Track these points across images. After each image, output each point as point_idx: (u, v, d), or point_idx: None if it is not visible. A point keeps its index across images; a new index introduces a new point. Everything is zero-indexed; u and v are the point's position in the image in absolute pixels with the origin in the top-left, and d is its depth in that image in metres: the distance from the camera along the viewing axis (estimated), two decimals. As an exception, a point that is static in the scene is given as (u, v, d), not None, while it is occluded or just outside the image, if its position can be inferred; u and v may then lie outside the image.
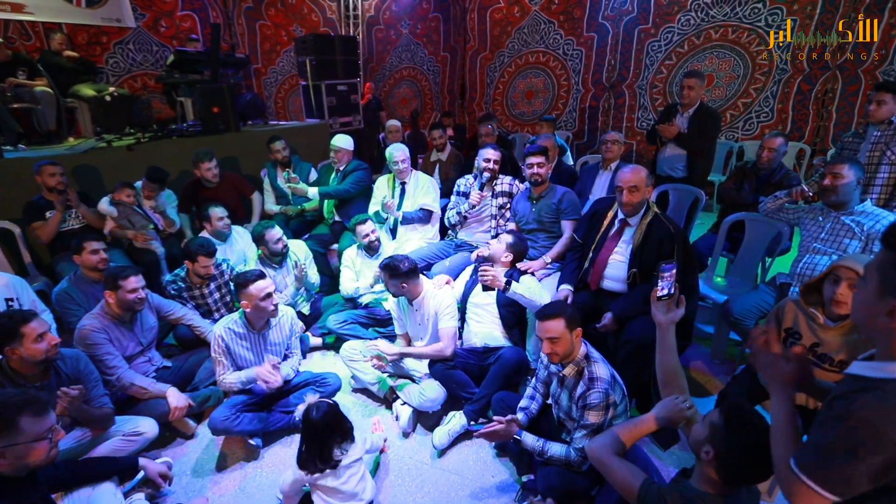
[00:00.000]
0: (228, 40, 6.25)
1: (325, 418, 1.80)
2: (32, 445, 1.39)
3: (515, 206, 3.25)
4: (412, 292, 2.54)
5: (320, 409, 1.81)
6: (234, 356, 2.39)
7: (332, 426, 1.81)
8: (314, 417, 1.79)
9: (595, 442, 1.50)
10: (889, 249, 0.92)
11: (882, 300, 0.89)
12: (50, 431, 1.44)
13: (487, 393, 2.35)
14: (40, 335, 1.88)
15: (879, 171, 2.88)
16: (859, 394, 0.91)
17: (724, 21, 5.38)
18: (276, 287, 3.08)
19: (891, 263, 0.91)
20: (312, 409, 1.81)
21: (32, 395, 1.47)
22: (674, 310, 1.49)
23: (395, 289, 2.53)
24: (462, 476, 2.18)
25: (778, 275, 2.75)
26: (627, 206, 2.41)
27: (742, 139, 5.60)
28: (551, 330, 1.79)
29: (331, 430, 1.80)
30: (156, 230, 3.54)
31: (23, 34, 4.91)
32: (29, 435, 1.38)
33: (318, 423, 1.78)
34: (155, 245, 3.48)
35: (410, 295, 2.56)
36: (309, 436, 1.79)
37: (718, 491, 1.21)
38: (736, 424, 1.17)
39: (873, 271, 0.94)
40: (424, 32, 8.00)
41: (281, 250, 3.13)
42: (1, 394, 1.50)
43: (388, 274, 2.49)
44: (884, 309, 0.89)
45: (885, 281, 0.90)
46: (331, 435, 1.80)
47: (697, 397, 2.54)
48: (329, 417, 1.81)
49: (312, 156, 4.61)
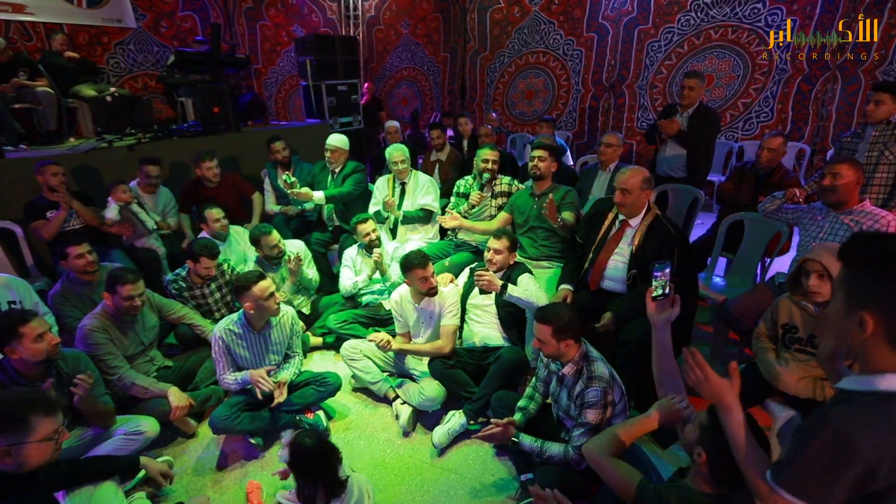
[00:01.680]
0: (229, 40, 6.25)
1: (316, 443, 1.67)
2: (39, 445, 1.38)
3: (515, 203, 3.23)
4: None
5: (306, 437, 1.68)
6: (234, 356, 2.40)
7: (326, 451, 1.69)
8: (306, 445, 1.64)
9: (591, 443, 1.50)
10: (847, 266, 0.93)
11: (850, 313, 0.90)
12: (56, 433, 1.44)
13: (487, 392, 2.36)
14: (40, 335, 1.89)
15: (877, 170, 2.89)
16: (838, 405, 0.92)
17: (724, 21, 5.38)
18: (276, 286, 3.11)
19: (851, 278, 0.92)
20: (300, 439, 1.67)
21: (44, 394, 1.48)
22: (669, 309, 1.50)
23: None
24: (461, 475, 2.19)
25: (777, 274, 2.76)
26: (620, 207, 2.44)
27: (742, 139, 5.60)
28: (540, 332, 1.84)
29: (327, 454, 1.69)
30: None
31: (24, 35, 4.92)
32: (38, 434, 1.38)
33: (312, 448, 1.65)
34: (155, 244, 3.49)
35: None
36: (305, 468, 1.65)
37: (713, 490, 1.22)
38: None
39: (838, 287, 0.96)
40: (424, 32, 8.01)
41: (277, 255, 3.15)
42: (13, 391, 1.50)
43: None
44: (854, 321, 0.89)
45: (849, 295, 0.92)
46: (330, 459, 1.69)
47: (696, 397, 2.54)
48: (318, 442, 1.69)
49: (312, 156, 4.62)
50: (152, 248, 3.53)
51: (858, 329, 0.89)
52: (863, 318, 0.87)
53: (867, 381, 0.90)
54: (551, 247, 3.09)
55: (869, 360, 0.91)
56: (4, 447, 1.34)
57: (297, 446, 1.66)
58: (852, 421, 0.87)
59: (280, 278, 3.23)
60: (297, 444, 1.67)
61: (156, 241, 3.58)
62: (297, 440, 1.68)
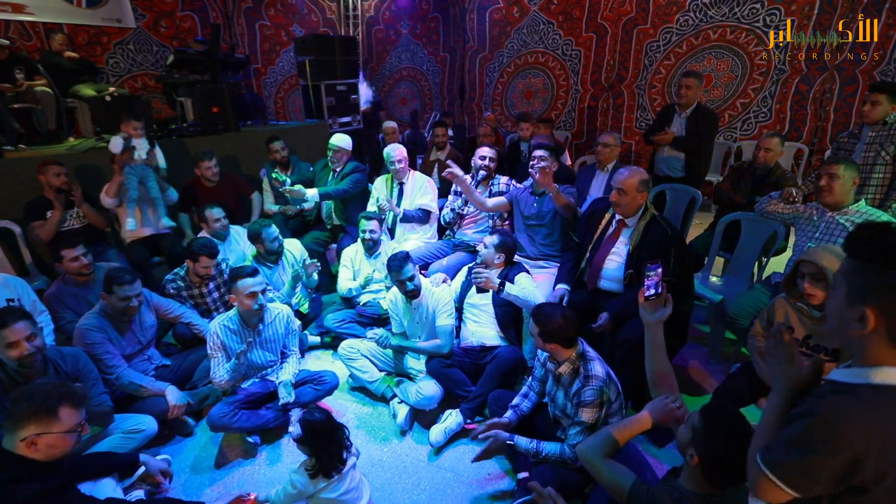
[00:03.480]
0: (228, 40, 6.26)
1: (326, 417, 1.80)
2: (64, 436, 1.46)
3: (517, 196, 3.22)
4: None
5: (315, 413, 1.80)
6: (228, 352, 2.41)
7: (334, 424, 1.82)
8: (318, 419, 1.77)
9: (585, 444, 1.51)
10: (852, 258, 0.92)
11: (851, 308, 0.90)
12: (80, 425, 1.52)
13: (484, 391, 2.37)
14: (10, 343, 1.85)
15: (874, 171, 2.89)
16: (831, 395, 0.93)
17: (723, 21, 5.38)
18: (273, 286, 3.11)
19: (856, 271, 0.91)
20: (309, 415, 1.78)
21: (72, 387, 1.55)
22: (661, 309, 1.51)
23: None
24: (458, 473, 2.20)
25: (773, 274, 2.77)
26: (615, 207, 2.45)
27: (740, 139, 5.60)
28: (532, 328, 1.89)
29: (335, 426, 1.81)
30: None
31: (23, 34, 4.93)
32: (65, 425, 1.46)
33: (323, 422, 1.77)
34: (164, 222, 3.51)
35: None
36: (318, 440, 1.76)
37: (706, 490, 1.22)
38: (716, 428, 1.18)
39: (840, 280, 0.94)
40: (424, 32, 8.01)
41: (277, 249, 3.15)
42: (44, 384, 1.60)
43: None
44: (854, 316, 0.89)
45: (851, 289, 0.91)
46: (339, 431, 1.81)
47: (693, 396, 2.56)
48: (327, 416, 1.82)
49: (311, 155, 4.63)
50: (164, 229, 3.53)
51: (859, 324, 0.88)
52: (864, 314, 0.87)
53: (861, 374, 0.91)
54: (550, 246, 3.10)
55: (867, 354, 0.91)
56: (34, 436, 1.43)
57: (309, 422, 1.75)
58: (843, 411, 0.88)
59: (278, 276, 3.23)
60: (307, 420, 1.76)
61: (166, 217, 3.56)
62: (308, 416, 1.78)
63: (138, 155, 3.36)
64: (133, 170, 3.36)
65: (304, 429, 1.75)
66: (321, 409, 1.86)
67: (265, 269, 3.16)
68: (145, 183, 3.43)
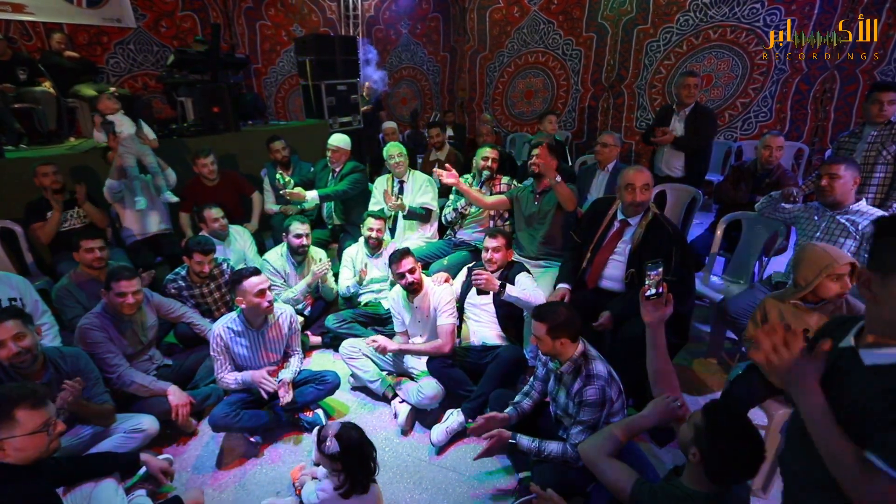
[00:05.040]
0: (228, 40, 6.26)
1: (361, 434, 1.74)
2: (30, 438, 1.42)
3: (519, 193, 3.22)
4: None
5: (352, 430, 1.73)
6: (232, 354, 2.42)
7: (369, 441, 1.76)
8: (355, 437, 1.70)
9: (587, 443, 1.51)
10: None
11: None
12: (47, 424, 1.47)
13: (485, 391, 2.37)
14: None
15: (875, 170, 2.90)
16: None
17: (723, 21, 5.39)
18: (289, 283, 3.19)
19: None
20: (346, 431, 1.71)
21: (31, 387, 1.51)
22: (662, 309, 1.51)
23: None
24: (459, 473, 2.20)
25: (774, 273, 2.77)
26: (636, 206, 2.42)
27: (741, 139, 5.61)
28: (536, 329, 1.86)
29: (370, 444, 1.76)
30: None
31: (23, 34, 4.93)
32: (26, 427, 1.42)
33: (360, 439, 1.71)
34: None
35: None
36: (353, 457, 1.69)
37: (708, 489, 1.22)
38: (719, 426, 1.19)
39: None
40: (424, 32, 8.02)
41: (297, 247, 3.17)
42: (1, 387, 1.53)
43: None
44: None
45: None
46: (369, 446, 1.76)
47: (695, 396, 2.56)
48: (362, 433, 1.76)
49: (312, 155, 4.63)
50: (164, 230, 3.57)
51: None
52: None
53: None
54: (550, 245, 3.10)
55: None
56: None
57: (346, 438, 1.69)
58: None
59: (299, 276, 3.27)
60: (345, 436, 1.69)
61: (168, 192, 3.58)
62: (345, 432, 1.71)
63: (121, 131, 3.37)
64: (127, 147, 3.38)
65: (341, 445, 1.67)
66: (356, 425, 1.78)
67: (288, 265, 3.24)
68: (143, 159, 3.46)
